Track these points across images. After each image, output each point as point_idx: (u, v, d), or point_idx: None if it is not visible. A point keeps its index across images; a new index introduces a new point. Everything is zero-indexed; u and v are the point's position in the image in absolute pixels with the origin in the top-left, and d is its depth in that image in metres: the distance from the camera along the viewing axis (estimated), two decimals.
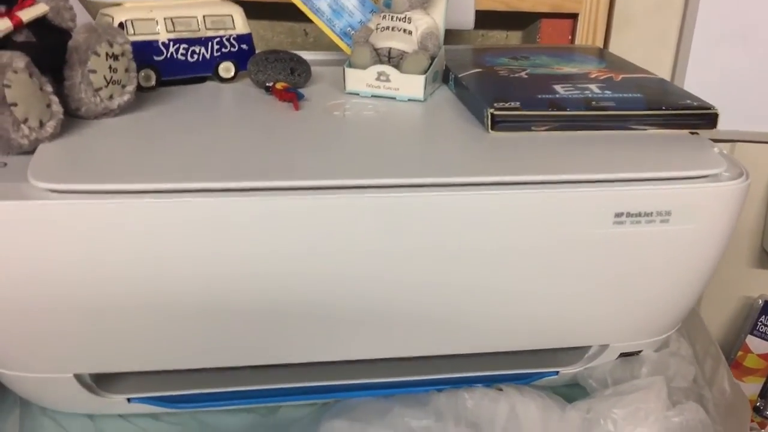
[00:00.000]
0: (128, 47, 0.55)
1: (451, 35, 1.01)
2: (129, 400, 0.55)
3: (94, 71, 0.53)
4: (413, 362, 0.58)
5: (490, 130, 0.55)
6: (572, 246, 0.49)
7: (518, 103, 0.56)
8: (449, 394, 0.55)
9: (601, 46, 0.92)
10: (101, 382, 0.55)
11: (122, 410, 0.56)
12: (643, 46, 0.93)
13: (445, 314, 0.52)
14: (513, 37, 1.04)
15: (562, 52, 0.76)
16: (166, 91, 0.63)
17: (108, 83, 0.54)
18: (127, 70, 0.56)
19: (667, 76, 0.94)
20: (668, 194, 0.48)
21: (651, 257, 0.50)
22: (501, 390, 0.55)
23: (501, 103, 0.56)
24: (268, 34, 1.04)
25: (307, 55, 0.77)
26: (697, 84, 0.92)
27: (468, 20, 0.89)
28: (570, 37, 0.95)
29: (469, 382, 0.57)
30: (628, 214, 0.48)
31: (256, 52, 0.67)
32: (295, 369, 0.57)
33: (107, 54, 0.54)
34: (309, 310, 0.50)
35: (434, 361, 0.58)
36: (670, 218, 0.48)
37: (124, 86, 0.56)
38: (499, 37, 1.05)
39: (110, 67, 0.54)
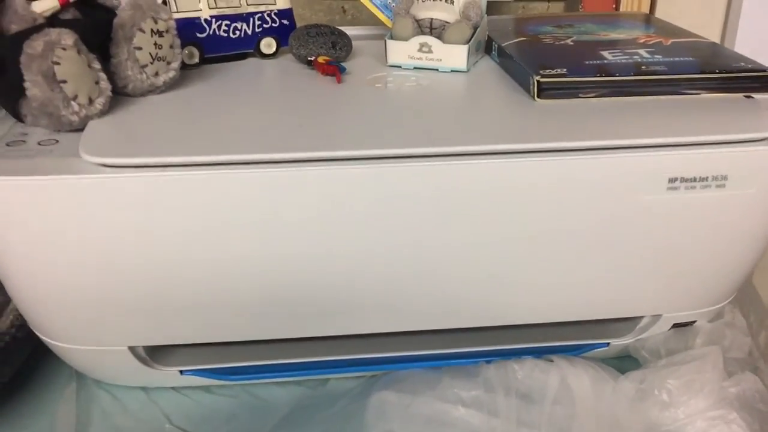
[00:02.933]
0: (172, 23, 0.56)
1: (491, 7, 1.00)
2: (182, 372, 0.56)
3: (139, 48, 0.53)
4: (462, 334, 0.58)
5: (536, 98, 0.54)
6: (625, 213, 0.48)
7: (565, 69, 0.55)
8: (498, 366, 0.54)
9: (648, 13, 0.90)
10: (155, 354, 0.56)
11: (175, 383, 0.57)
12: (690, 13, 0.90)
13: (494, 285, 0.52)
14: (555, 7, 1.02)
15: (608, 19, 0.74)
16: (209, 68, 0.64)
17: (153, 60, 0.55)
18: (171, 47, 0.56)
19: None
20: (724, 158, 0.46)
21: (706, 224, 0.49)
22: (551, 361, 0.54)
23: (547, 70, 0.55)
24: (307, 13, 1.03)
25: (349, 31, 0.76)
26: (748, 52, 0.88)
27: None
28: (614, 6, 0.93)
29: (519, 354, 0.57)
30: (683, 179, 0.47)
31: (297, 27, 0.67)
32: (344, 341, 0.57)
33: (152, 30, 0.54)
34: (358, 282, 0.50)
35: (483, 333, 0.58)
36: (727, 183, 0.47)
37: (169, 63, 0.56)
38: (540, 8, 1.03)
39: (155, 44, 0.54)
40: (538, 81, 0.54)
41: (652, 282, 0.52)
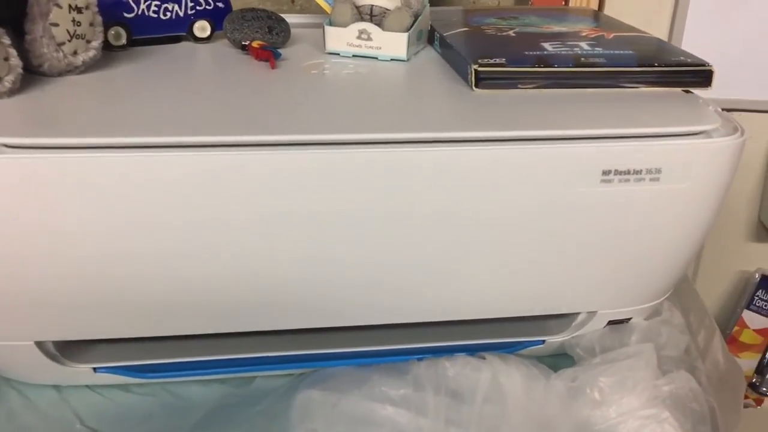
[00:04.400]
0: (93, 0, 0.53)
1: None
2: (95, 369, 0.53)
3: (56, 24, 0.50)
4: (392, 331, 0.56)
5: (474, 87, 0.53)
6: (558, 205, 0.47)
7: (504, 59, 0.53)
8: (429, 363, 0.52)
9: (596, 9, 0.89)
10: (66, 350, 0.52)
11: (89, 381, 0.54)
12: (639, 10, 0.90)
13: (424, 279, 0.50)
14: (506, 1, 1.01)
15: (555, 13, 0.73)
16: (137, 50, 0.61)
17: (72, 38, 0.51)
18: (92, 24, 0.53)
19: None
20: (658, 151, 0.45)
21: (640, 218, 0.48)
22: (483, 358, 0.52)
23: (486, 60, 0.53)
24: (254, 2, 1.01)
25: (290, 18, 0.74)
26: (695, 50, 0.89)
27: None
28: (564, 2, 0.92)
29: (451, 351, 0.55)
30: (617, 172, 0.46)
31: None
32: (271, 337, 0.55)
33: (70, 6, 0.51)
34: (282, 275, 0.48)
35: (414, 330, 0.56)
36: (661, 176, 0.46)
37: (89, 41, 0.53)
38: (491, 0, 1.02)
39: (74, 21, 0.51)
40: (476, 70, 0.52)
41: (587, 277, 0.51)
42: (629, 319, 0.56)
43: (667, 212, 0.48)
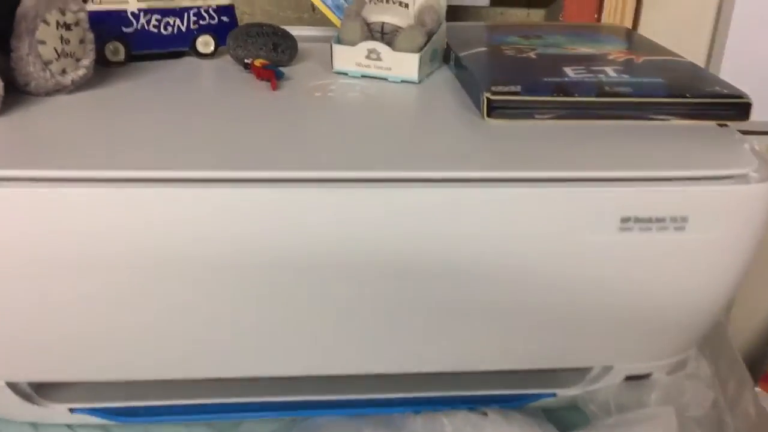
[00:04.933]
0: (83, 15, 0.50)
1: (467, 13, 0.94)
2: (72, 410, 0.50)
3: (43, 42, 0.48)
4: (389, 378, 0.51)
5: (486, 117, 0.49)
6: (571, 254, 0.42)
7: (519, 87, 0.49)
8: (427, 418, 0.48)
9: (630, 26, 0.84)
10: (41, 390, 0.50)
11: (65, 420, 0.51)
12: (676, 28, 0.85)
13: (426, 326, 0.46)
14: (535, 16, 0.96)
15: (583, 31, 0.68)
16: (136, 66, 0.58)
17: (60, 56, 0.49)
18: (82, 42, 0.50)
19: (701, 62, 0.85)
20: (684, 197, 0.41)
21: (663, 270, 0.43)
22: (485, 415, 0.48)
23: (500, 87, 0.49)
24: (274, 10, 0.98)
25: (304, 31, 0.71)
26: (735, 71, 0.83)
27: None
28: (596, 16, 0.87)
29: (453, 402, 0.51)
30: (637, 219, 0.41)
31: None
32: (259, 382, 0.51)
33: (58, 23, 0.48)
34: (272, 317, 0.45)
35: (414, 378, 0.52)
36: (687, 225, 0.41)
37: (78, 60, 0.50)
38: (519, 15, 0.97)
39: (62, 38, 0.49)
40: (488, 98, 0.48)
41: (602, 330, 0.47)
42: (649, 374, 0.51)
43: (693, 265, 0.43)
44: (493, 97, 0.48)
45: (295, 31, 0.71)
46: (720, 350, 0.62)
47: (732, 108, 0.49)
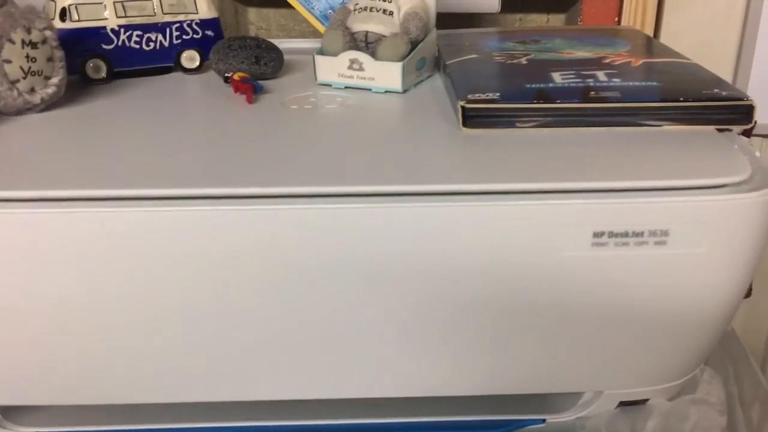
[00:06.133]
0: (50, 34, 0.49)
1: (483, 20, 0.91)
2: None
3: (8, 61, 0.47)
4: (373, 403, 0.48)
5: (462, 126, 0.46)
6: (544, 271, 0.39)
7: (498, 94, 0.46)
8: None
9: (652, 29, 0.80)
10: (8, 412, 0.49)
11: None
12: (701, 30, 0.80)
13: (404, 353, 0.43)
14: (555, 20, 0.93)
15: (589, 34, 0.64)
16: (118, 83, 0.58)
17: (26, 75, 0.48)
18: (50, 60, 0.50)
19: (729, 65, 0.80)
20: (663, 209, 0.37)
21: (645, 288, 0.39)
22: None
23: (477, 95, 0.46)
24: (290, 24, 0.97)
25: (294, 43, 0.69)
26: (766, 74, 0.77)
27: (491, 2, 0.79)
28: (616, 19, 0.83)
29: (437, 428, 0.47)
30: (611, 234, 0.37)
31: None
32: (248, 405, 0.49)
33: (23, 41, 0.48)
34: (253, 337, 0.42)
35: (396, 403, 0.49)
36: (668, 239, 0.37)
37: (47, 78, 0.50)
38: (539, 20, 0.93)
39: (27, 56, 0.48)
40: (462, 107, 0.45)
41: (588, 351, 0.42)
42: (646, 400, 0.47)
43: (678, 282, 0.39)
44: (468, 105, 0.45)
45: (301, 44, 0.70)
46: (741, 373, 0.56)
47: (732, 111, 0.45)
